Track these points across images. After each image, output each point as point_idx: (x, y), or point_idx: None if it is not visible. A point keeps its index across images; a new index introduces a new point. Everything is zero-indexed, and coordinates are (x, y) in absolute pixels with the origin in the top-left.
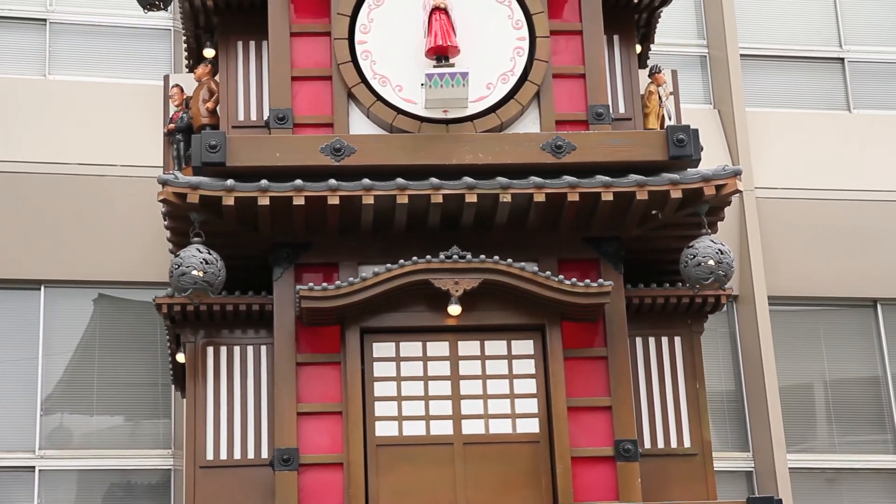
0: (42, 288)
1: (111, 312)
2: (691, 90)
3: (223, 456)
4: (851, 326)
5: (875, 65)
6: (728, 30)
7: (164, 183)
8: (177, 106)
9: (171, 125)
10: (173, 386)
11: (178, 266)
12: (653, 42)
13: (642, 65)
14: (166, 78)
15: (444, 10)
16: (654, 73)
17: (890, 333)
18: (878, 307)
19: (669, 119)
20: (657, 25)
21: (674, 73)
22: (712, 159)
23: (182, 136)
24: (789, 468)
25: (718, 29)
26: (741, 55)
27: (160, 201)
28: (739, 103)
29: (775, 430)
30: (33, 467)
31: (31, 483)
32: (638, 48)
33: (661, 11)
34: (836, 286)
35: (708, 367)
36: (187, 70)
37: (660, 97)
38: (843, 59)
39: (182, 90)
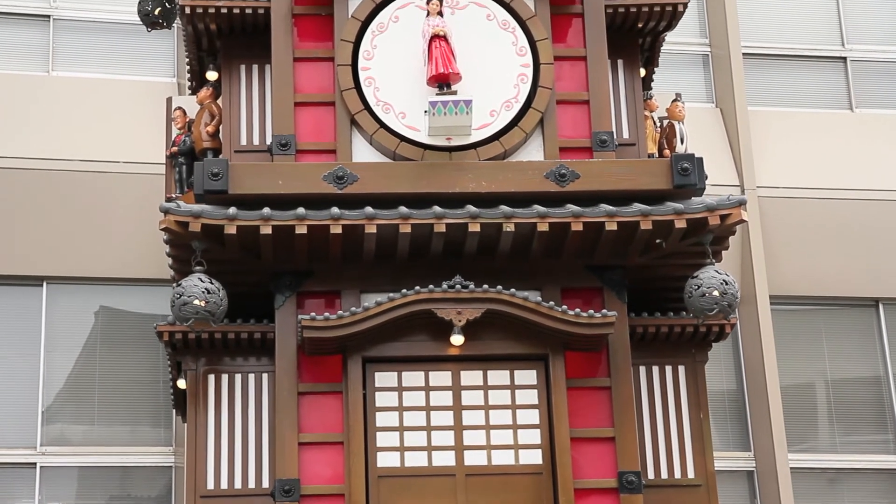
0: (44, 284)
1: (114, 310)
2: (693, 89)
3: (224, 485)
4: (853, 326)
5: (877, 64)
6: (730, 28)
7: (165, 211)
8: (179, 129)
9: (174, 148)
10: (174, 411)
11: (180, 295)
12: (657, 66)
13: (646, 87)
14: (169, 100)
15: (444, 38)
16: (646, 99)
17: (892, 333)
18: (880, 307)
19: (682, 143)
20: (661, 49)
21: (678, 95)
22: (714, 158)
23: (184, 159)
24: (790, 468)
25: (721, 27)
26: (743, 54)
27: (162, 230)
28: (741, 102)
29: (776, 430)
30: (35, 464)
31: (33, 480)
32: (642, 72)
33: (665, 35)
34: (838, 286)
35: (709, 366)
36: (190, 92)
37: (654, 122)
38: (845, 58)
39: (184, 113)
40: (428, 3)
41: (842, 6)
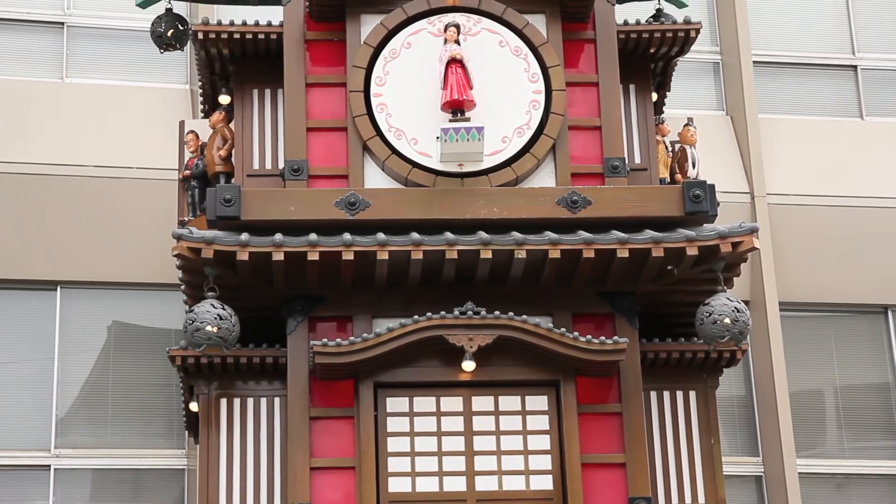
0: (58, 289)
1: (126, 314)
2: (704, 97)
3: None
4: (862, 333)
5: (888, 72)
6: (741, 37)
7: (178, 238)
8: (192, 152)
9: (187, 171)
10: (187, 433)
11: (193, 322)
12: (668, 90)
13: (658, 112)
14: (181, 123)
15: (461, 63)
16: (657, 123)
17: None
18: (889, 314)
19: (694, 167)
20: (673, 74)
21: (690, 119)
22: (725, 166)
23: (197, 182)
24: (799, 473)
25: (731, 36)
26: (754, 62)
27: (174, 256)
28: (752, 110)
29: (785, 436)
30: (49, 466)
31: (47, 481)
32: (654, 96)
33: (678, 60)
34: (847, 292)
35: None
36: (202, 115)
37: (666, 146)
38: (855, 67)
39: (197, 136)
40: (445, 30)
41: (852, 15)
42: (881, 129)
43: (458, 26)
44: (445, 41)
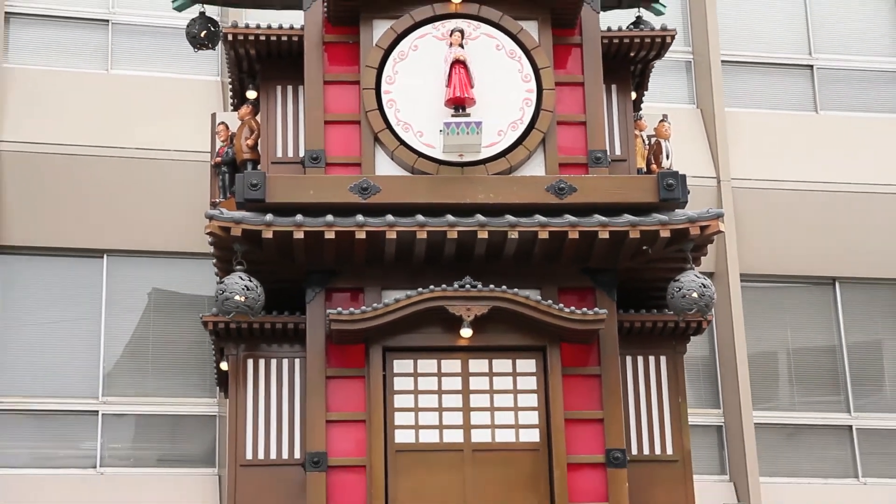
0: (104, 257)
1: (164, 281)
2: (677, 92)
3: (261, 456)
4: (812, 301)
5: (840, 71)
6: (711, 38)
7: (210, 218)
8: (222, 141)
9: (218, 158)
10: (218, 389)
11: (223, 291)
12: (646, 89)
13: (637, 109)
14: (213, 116)
15: (464, 64)
16: (636, 119)
17: (846, 308)
18: (837, 285)
19: (668, 158)
20: (650, 75)
21: (665, 116)
22: (695, 153)
23: (227, 168)
24: (755, 423)
25: (702, 37)
26: (722, 61)
27: (207, 234)
28: (719, 104)
29: (743, 391)
30: (97, 411)
31: (95, 425)
32: (633, 95)
33: (654, 63)
34: (800, 266)
35: None
36: (232, 108)
37: (643, 140)
38: (812, 66)
39: (227, 127)
40: (451, 35)
41: (810, 19)
42: (834, 123)
43: (462, 31)
44: (451, 44)
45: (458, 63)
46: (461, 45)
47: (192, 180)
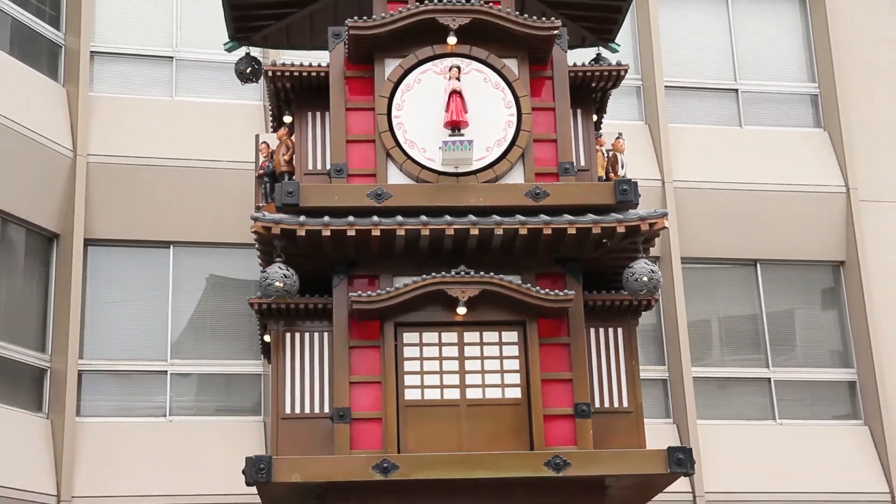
0: (171, 247)
1: (219, 267)
2: (629, 111)
3: (297, 410)
4: (738, 279)
5: (759, 94)
6: (656, 67)
7: (255, 219)
8: (264, 157)
9: (261, 171)
10: (262, 357)
11: (266, 279)
12: (605, 112)
13: (597, 128)
14: (257, 136)
15: (460, 93)
16: (597, 137)
17: (765, 284)
18: (758, 266)
19: (622, 168)
20: (608, 101)
21: (620, 133)
22: (644, 160)
23: (268, 179)
24: (693, 377)
25: (649, 66)
26: (665, 86)
27: (252, 231)
28: (663, 121)
29: (683, 351)
30: (166, 371)
31: (165, 382)
32: (595, 117)
33: (611, 92)
34: (728, 250)
35: None
36: (271, 130)
37: (602, 154)
38: (737, 90)
39: (268, 146)
40: (450, 70)
41: (735, 52)
42: (755, 135)
43: (459, 68)
44: (449, 77)
45: (455, 93)
46: (458, 79)
47: (240, 185)
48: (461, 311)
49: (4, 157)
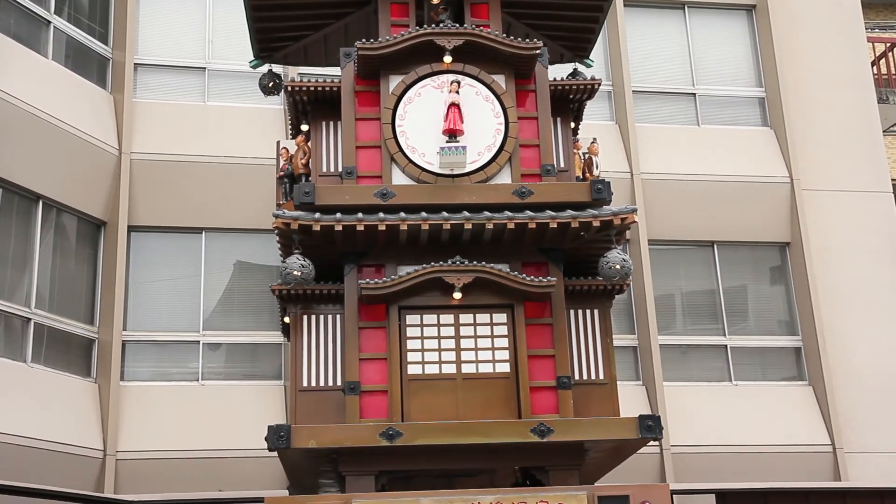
0: (203, 233)
1: (248, 251)
2: (602, 113)
3: (313, 383)
4: (698, 259)
5: (714, 97)
6: (624, 74)
7: (276, 216)
8: (284, 160)
9: (281, 173)
10: (283, 336)
11: (285, 268)
12: (581, 119)
13: (575, 134)
14: (277, 143)
15: (457, 105)
16: (574, 142)
17: (722, 263)
18: (715, 247)
19: (597, 169)
20: (584, 110)
21: (594, 139)
22: (614, 156)
23: (287, 180)
24: (659, 344)
25: (619, 73)
26: (633, 90)
27: (273, 227)
28: (632, 121)
29: (651, 321)
30: (198, 341)
31: (198, 351)
32: (572, 124)
33: (587, 102)
34: (689, 233)
35: None
36: (290, 136)
37: (579, 156)
38: (695, 93)
39: (288, 151)
40: (450, 84)
41: (693, 61)
42: (711, 133)
43: (459, 82)
44: (450, 91)
45: (454, 105)
46: (457, 92)
47: (263, 179)
48: (457, 295)
49: (59, 155)
